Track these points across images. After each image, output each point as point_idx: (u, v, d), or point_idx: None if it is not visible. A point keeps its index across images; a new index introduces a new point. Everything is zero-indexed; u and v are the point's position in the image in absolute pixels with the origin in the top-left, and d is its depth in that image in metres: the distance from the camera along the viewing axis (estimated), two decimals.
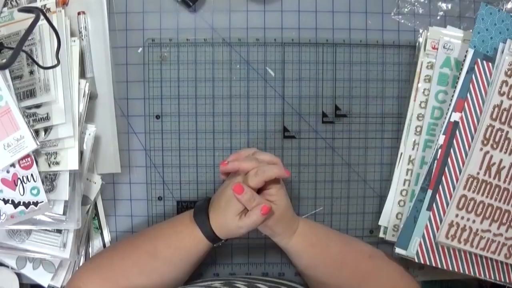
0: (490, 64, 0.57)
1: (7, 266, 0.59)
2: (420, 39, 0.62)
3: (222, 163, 0.54)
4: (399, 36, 0.63)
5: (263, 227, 0.54)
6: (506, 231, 0.57)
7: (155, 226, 0.57)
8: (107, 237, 0.62)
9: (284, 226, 0.54)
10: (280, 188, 0.53)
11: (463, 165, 0.57)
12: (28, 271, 0.59)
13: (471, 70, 0.57)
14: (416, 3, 0.63)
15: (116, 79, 0.61)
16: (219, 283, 0.53)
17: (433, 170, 0.57)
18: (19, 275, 0.60)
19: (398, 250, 0.57)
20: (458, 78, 0.58)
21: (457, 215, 0.57)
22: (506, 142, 0.57)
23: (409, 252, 0.57)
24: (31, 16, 0.49)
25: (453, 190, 0.57)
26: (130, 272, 0.53)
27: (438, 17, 0.63)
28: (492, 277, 0.58)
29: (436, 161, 0.57)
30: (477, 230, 0.57)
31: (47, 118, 0.53)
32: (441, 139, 0.57)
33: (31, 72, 0.54)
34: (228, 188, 0.52)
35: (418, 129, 0.61)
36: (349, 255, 0.57)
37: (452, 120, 0.57)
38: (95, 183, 0.60)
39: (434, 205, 0.57)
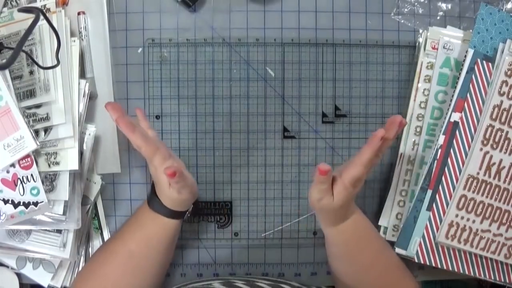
0: (490, 64, 0.57)
1: (7, 266, 0.59)
2: (420, 39, 0.62)
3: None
4: (399, 36, 0.63)
5: (320, 208, 0.51)
6: (506, 231, 0.57)
7: (122, 226, 0.57)
8: (107, 237, 0.62)
9: (333, 218, 0.52)
10: (350, 191, 0.49)
11: (463, 165, 0.57)
12: (28, 271, 0.59)
13: (471, 70, 0.57)
14: (416, 3, 0.63)
15: (116, 79, 0.61)
16: (218, 283, 0.53)
17: (433, 170, 0.57)
18: (19, 275, 0.60)
19: (398, 250, 0.57)
20: (458, 78, 0.58)
21: (457, 215, 0.57)
22: (506, 142, 0.57)
23: (409, 252, 0.57)
24: (31, 16, 0.49)
25: (453, 190, 0.57)
26: (113, 276, 0.53)
27: (438, 17, 0.63)
28: (492, 277, 0.58)
29: (436, 161, 0.57)
30: (477, 230, 0.57)
31: (47, 118, 0.53)
32: (441, 139, 0.57)
33: (31, 72, 0.54)
34: (151, 168, 0.52)
35: (418, 129, 0.61)
36: (379, 265, 0.55)
37: (452, 120, 0.57)
38: (95, 183, 0.60)
39: (434, 205, 0.57)
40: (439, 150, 0.57)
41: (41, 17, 0.50)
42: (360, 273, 0.55)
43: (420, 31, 0.62)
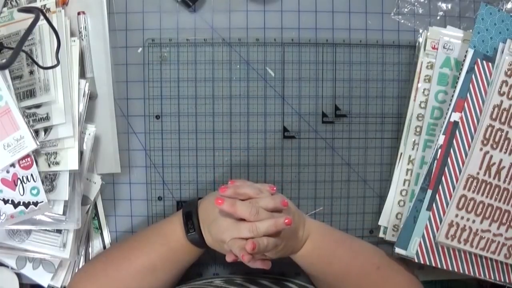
0: (490, 64, 0.57)
1: (7, 266, 0.59)
2: (420, 39, 0.62)
3: (222, 189, 0.50)
4: (399, 36, 0.63)
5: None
6: (506, 231, 0.57)
7: (146, 237, 0.56)
8: (107, 237, 0.62)
9: (288, 251, 0.53)
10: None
11: (463, 165, 0.57)
12: (28, 271, 0.59)
13: (471, 70, 0.57)
14: (416, 3, 0.63)
15: (116, 79, 0.61)
16: (220, 280, 0.53)
17: (433, 170, 0.57)
18: (19, 275, 0.60)
19: (398, 250, 0.57)
20: (458, 78, 0.58)
21: (457, 215, 0.57)
22: (506, 142, 0.57)
23: (409, 252, 0.57)
24: (31, 16, 0.49)
25: (453, 190, 0.57)
26: (128, 281, 0.53)
27: (438, 17, 0.63)
28: (492, 277, 0.58)
29: (436, 161, 0.57)
30: (477, 230, 0.57)
31: (47, 118, 0.53)
32: (441, 139, 0.57)
33: (31, 72, 0.54)
34: (224, 236, 0.49)
35: (418, 129, 0.61)
36: (354, 270, 0.56)
37: (452, 120, 0.57)
38: (95, 183, 0.60)
39: (434, 205, 0.57)
40: (439, 150, 0.57)
41: (41, 17, 0.50)
42: (338, 282, 0.56)
43: (420, 31, 0.62)
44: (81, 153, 0.56)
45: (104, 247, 0.62)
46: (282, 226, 0.47)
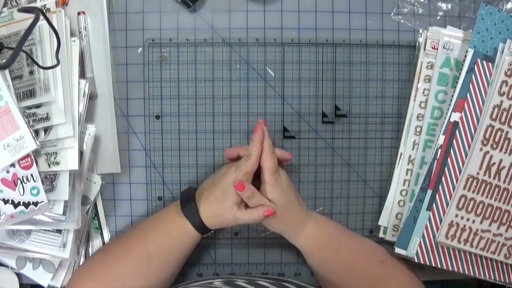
0: (490, 64, 0.57)
1: (7, 266, 0.59)
2: (420, 39, 0.62)
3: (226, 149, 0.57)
4: (399, 36, 0.63)
5: (266, 223, 0.54)
6: (506, 231, 0.57)
7: (142, 225, 0.57)
8: (107, 237, 0.62)
9: (286, 226, 0.54)
10: (276, 186, 0.53)
11: (463, 165, 0.57)
12: (28, 271, 0.59)
13: (471, 70, 0.57)
14: (416, 3, 0.63)
15: (116, 79, 0.61)
16: (219, 282, 0.53)
17: (433, 170, 0.57)
18: (19, 275, 0.60)
19: (398, 250, 0.57)
20: (458, 78, 0.58)
21: (457, 215, 0.57)
22: (506, 142, 0.57)
23: (409, 252, 0.57)
24: (31, 16, 0.49)
25: (453, 190, 0.57)
26: (123, 274, 0.53)
27: (438, 17, 0.63)
28: (492, 277, 0.58)
29: (436, 161, 0.57)
30: (477, 230, 0.57)
31: (47, 118, 0.53)
32: (441, 139, 0.57)
33: (31, 72, 0.54)
34: (224, 178, 0.52)
35: (418, 129, 0.61)
36: (359, 260, 0.57)
37: (452, 120, 0.57)
38: (95, 183, 0.60)
39: (434, 205, 0.57)
40: (439, 150, 0.57)
41: (41, 17, 0.50)
42: (343, 275, 0.56)
43: (420, 31, 0.62)
44: (81, 153, 0.56)
45: None
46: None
